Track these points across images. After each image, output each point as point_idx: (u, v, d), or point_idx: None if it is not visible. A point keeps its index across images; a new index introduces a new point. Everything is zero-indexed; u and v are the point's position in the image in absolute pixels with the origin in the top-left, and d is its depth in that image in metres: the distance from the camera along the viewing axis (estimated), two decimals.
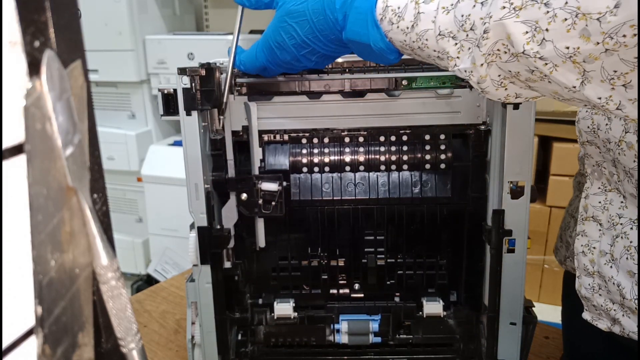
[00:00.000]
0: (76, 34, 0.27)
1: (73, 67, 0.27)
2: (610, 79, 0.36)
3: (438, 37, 0.45)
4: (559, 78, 0.38)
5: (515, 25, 0.38)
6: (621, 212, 0.59)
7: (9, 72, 0.22)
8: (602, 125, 0.58)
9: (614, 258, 0.58)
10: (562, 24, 0.36)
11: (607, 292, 0.60)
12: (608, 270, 0.59)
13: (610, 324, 0.61)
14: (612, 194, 0.60)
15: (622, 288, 0.57)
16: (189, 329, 0.70)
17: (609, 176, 0.60)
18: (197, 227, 0.65)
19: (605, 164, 0.60)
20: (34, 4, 0.23)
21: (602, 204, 0.61)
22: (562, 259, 0.74)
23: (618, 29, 0.33)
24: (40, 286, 0.24)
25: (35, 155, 0.23)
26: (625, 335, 0.59)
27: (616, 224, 0.59)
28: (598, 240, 0.61)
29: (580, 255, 0.63)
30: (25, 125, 0.23)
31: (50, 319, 0.25)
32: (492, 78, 0.43)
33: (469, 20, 0.43)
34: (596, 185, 0.62)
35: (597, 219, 0.61)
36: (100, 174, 0.29)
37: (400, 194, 0.68)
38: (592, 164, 0.62)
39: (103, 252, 0.28)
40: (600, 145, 0.59)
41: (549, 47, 0.37)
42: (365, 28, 0.51)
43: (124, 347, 0.29)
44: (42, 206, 0.24)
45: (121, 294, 0.29)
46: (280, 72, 0.63)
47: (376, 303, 0.72)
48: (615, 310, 0.59)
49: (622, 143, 0.55)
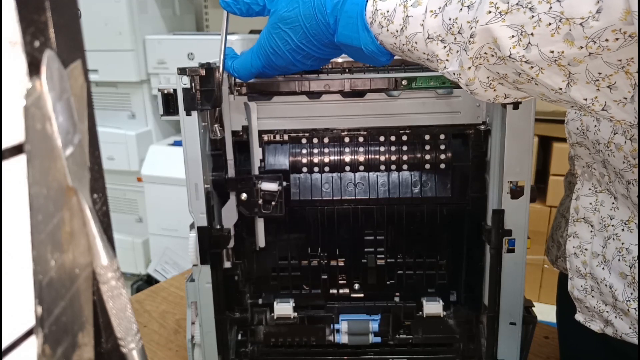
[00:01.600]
0: (76, 34, 0.27)
1: (73, 67, 0.27)
2: (595, 81, 0.37)
3: (427, 41, 0.46)
4: (546, 80, 0.39)
5: (501, 29, 0.38)
6: (612, 213, 0.59)
7: (9, 72, 0.22)
8: (591, 127, 0.58)
9: (606, 260, 0.58)
10: (547, 28, 0.36)
11: (599, 294, 0.60)
12: (600, 272, 0.59)
13: (603, 325, 0.61)
14: (602, 195, 0.60)
15: (615, 290, 0.57)
16: (189, 329, 0.70)
17: (600, 177, 0.60)
18: (197, 227, 0.65)
19: (595, 165, 0.60)
20: (34, 4, 0.23)
21: (593, 206, 0.61)
22: (553, 258, 0.74)
23: (600, 33, 0.34)
24: (40, 286, 0.24)
25: (35, 155, 0.23)
26: (618, 337, 0.59)
27: (607, 225, 0.59)
28: (590, 241, 0.61)
29: (573, 257, 0.63)
30: (25, 125, 0.23)
31: (50, 319, 0.25)
32: (481, 80, 0.43)
33: (456, 24, 0.43)
34: (587, 186, 0.62)
35: (589, 221, 0.61)
36: (100, 174, 0.29)
37: (400, 194, 0.68)
38: (582, 165, 0.62)
39: (103, 252, 0.28)
40: (590, 146, 0.59)
41: (534, 52, 0.37)
42: (356, 32, 0.51)
43: (124, 347, 0.29)
44: (42, 206, 0.24)
45: (121, 294, 0.29)
46: (276, 75, 0.63)
47: (376, 303, 0.72)
48: (608, 312, 0.59)
49: (611, 144, 0.55)
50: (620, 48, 0.34)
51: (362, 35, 0.51)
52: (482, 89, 0.44)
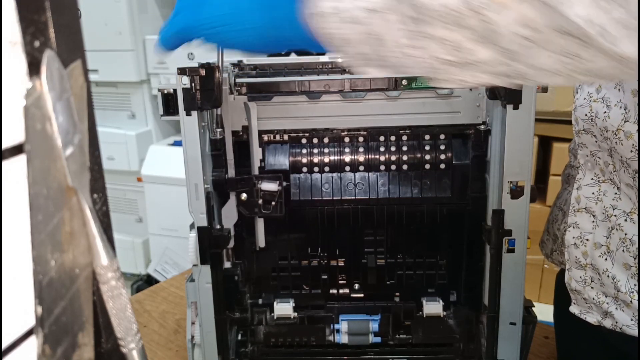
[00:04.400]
0: (76, 34, 0.27)
1: (73, 67, 0.27)
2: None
3: None
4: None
5: None
6: (615, 203, 0.58)
7: (9, 72, 0.22)
8: (600, 113, 0.57)
9: (609, 250, 0.58)
10: None
11: (600, 285, 0.60)
12: (603, 263, 0.59)
13: (601, 317, 0.61)
14: (605, 185, 0.60)
15: (617, 281, 0.57)
16: (189, 329, 0.70)
17: (604, 166, 0.59)
18: (197, 227, 0.65)
19: (600, 154, 0.59)
20: (34, 4, 0.23)
21: (596, 195, 0.60)
22: (548, 252, 0.74)
23: None
24: (40, 286, 0.24)
25: (35, 155, 0.23)
26: (617, 329, 0.59)
27: (610, 215, 0.58)
28: (591, 232, 0.61)
29: (572, 248, 0.62)
30: (25, 125, 0.23)
31: (50, 319, 0.25)
32: None
33: None
34: (589, 175, 0.61)
35: (591, 211, 0.61)
36: (100, 174, 0.29)
37: (400, 194, 0.68)
38: (585, 154, 0.62)
39: (103, 252, 0.28)
40: (597, 133, 0.58)
41: None
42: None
43: (124, 347, 0.29)
44: (42, 206, 0.24)
45: (121, 294, 0.29)
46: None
47: (376, 303, 0.72)
48: (608, 304, 0.59)
49: (620, 132, 0.54)
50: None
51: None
52: None
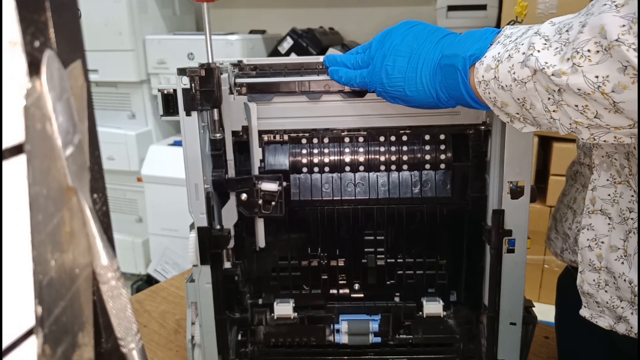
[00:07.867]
0: (76, 34, 0.27)
1: (73, 67, 0.27)
2: None
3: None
4: None
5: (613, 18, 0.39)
6: (632, 206, 0.57)
7: (9, 72, 0.22)
8: None
9: (627, 254, 0.57)
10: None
11: (615, 289, 0.59)
12: (619, 267, 0.58)
13: (614, 321, 0.60)
14: (621, 187, 0.58)
15: (635, 285, 0.56)
16: (189, 329, 0.70)
17: (620, 168, 0.58)
18: (197, 228, 0.65)
19: (616, 156, 0.58)
20: (34, 4, 0.23)
21: (612, 197, 0.59)
22: (558, 251, 0.73)
23: None
24: (40, 286, 0.24)
25: (35, 155, 0.23)
26: (631, 334, 0.58)
27: (627, 218, 0.57)
28: (607, 234, 0.59)
29: (586, 250, 0.61)
30: (25, 125, 0.23)
31: (50, 319, 0.25)
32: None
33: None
34: (604, 176, 0.60)
35: (606, 212, 0.59)
36: (100, 174, 0.29)
37: (400, 194, 0.68)
38: (601, 155, 0.60)
39: (103, 252, 0.28)
40: None
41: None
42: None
43: (124, 347, 0.29)
44: (42, 206, 0.24)
45: (121, 294, 0.29)
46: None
47: (376, 303, 0.72)
48: (623, 308, 0.58)
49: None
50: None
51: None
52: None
